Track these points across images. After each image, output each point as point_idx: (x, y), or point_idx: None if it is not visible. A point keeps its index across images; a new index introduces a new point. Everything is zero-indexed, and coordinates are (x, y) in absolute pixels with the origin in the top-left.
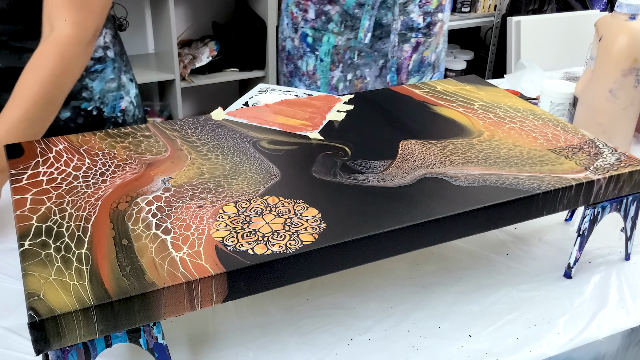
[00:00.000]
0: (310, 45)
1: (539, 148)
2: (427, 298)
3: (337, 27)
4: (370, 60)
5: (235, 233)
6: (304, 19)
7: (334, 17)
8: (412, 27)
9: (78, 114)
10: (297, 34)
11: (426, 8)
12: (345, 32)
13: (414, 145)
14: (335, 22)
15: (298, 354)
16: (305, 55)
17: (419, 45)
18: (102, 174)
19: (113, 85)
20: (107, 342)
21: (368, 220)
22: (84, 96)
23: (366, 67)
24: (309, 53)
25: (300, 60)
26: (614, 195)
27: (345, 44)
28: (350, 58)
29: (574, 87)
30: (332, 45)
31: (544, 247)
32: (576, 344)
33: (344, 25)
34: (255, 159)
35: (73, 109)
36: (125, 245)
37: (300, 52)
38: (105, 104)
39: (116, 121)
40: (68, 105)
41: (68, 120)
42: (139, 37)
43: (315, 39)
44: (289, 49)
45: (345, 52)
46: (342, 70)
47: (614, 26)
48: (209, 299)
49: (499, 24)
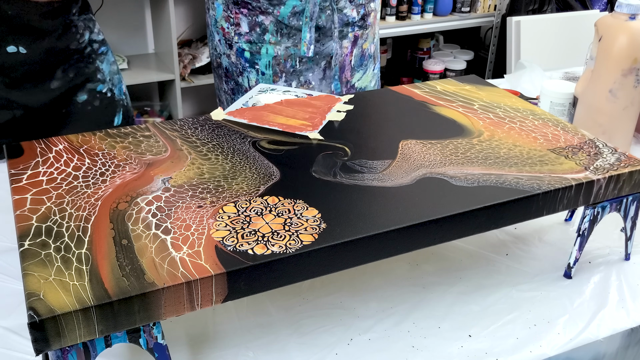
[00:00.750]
0: (248, 60)
1: (539, 148)
2: (427, 298)
3: (274, 37)
4: (312, 64)
5: (235, 233)
6: (237, 34)
7: (269, 27)
8: (348, 22)
9: (94, 97)
10: (232, 49)
11: (358, 1)
12: (282, 41)
13: (414, 145)
14: (271, 32)
15: (298, 354)
16: (245, 71)
17: (357, 38)
18: (102, 174)
19: (115, 68)
20: (107, 342)
21: (368, 220)
22: (98, 78)
23: (309, 71)
24: (249, 68)
25: (240, 76)
26: (614, 195)
27: (284, 53)
28: (292, 66)
29: (574, 87)
30: (271, 57)
31: (544, 247)
32: (576, 344)
33: (279, 34)
34: (255, 159)
35: (89, 92)
36: (125, 245)
37: (239, 69)
38: (114, 85)
39: (123, 103)
40: (84, 88)
41: (85, 103)
42: (139, 37)
43: (252, 52)
44: (226, 65)
45: (287, 60)
46: (285, 80)
47: (614, 26)
48: (209, 299)
49: (498, 24)
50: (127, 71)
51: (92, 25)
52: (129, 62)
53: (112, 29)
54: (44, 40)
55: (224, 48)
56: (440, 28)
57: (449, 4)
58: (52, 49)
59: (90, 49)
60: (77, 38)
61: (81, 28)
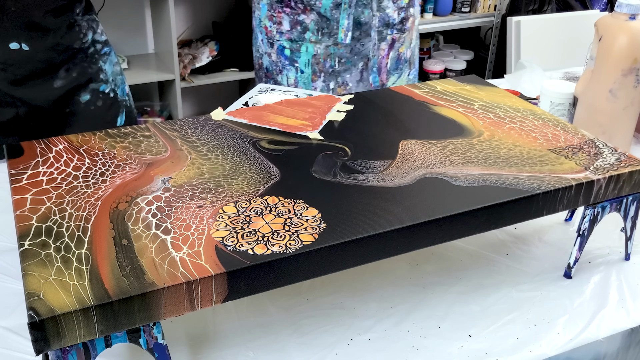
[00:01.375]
0: (288, 58)
1: (539, 148)
2: (427, 298)
3: (314, 36)
4: (351, 65)
5: (235, 233)
6: (278, 32)
7: (310, 25)
8: (388, 22)
9: (97, 97)
10: (273, 48)
11: (400, 3)
12: (323, 40)
13: (414, 145)
14: (312, 31)
15: (298, 354)
16: (285, 69)
17: (395, 42)
18: (102, 174)
19: (118, 69)
20: (107, 342)
21: (368, 220)
22: (101, 78)
23: (347, 72)
24: (289, 66)
25: (279, 75)
26: (614, 195)
27: (324, 52)
28: (331, 66)
29: (574, 87)
30: (311, 55)
31: (544, 247)
32: (576, 344)
33: (320, 32)
34: (255, 159)
35: (92, 92)
36: (125, 245)
37: (279, 67)
38: (117, 86)
39: (126, 104)
40: (87, 88)
41: (89, 103)
42: (139, 37)
43: (293, 50)
44: (266, 65)
45: (326, 60)
46: (324, 80)
47: (614, 26)
48: (209, 299)
49: (499, 24)
50: (127, 71)
51: (95, 25)
52: (129, 62)
53: (112, 29)
54: (47, 37)
55: (266, 47)
56: (440, 28)
57: (449, 4)
58: (55, 47)
59: (93, 49)
60: (81, 37)
61: (84, 28)
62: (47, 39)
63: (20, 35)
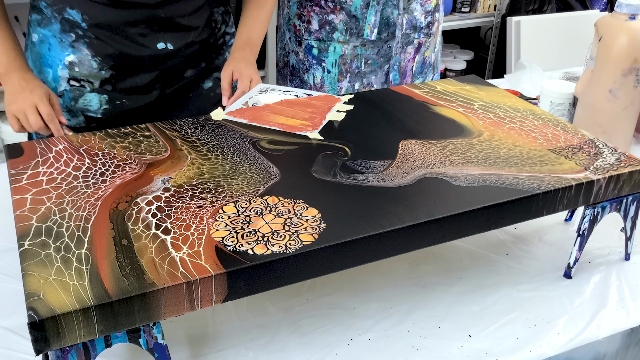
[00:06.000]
0: (316, 57)
1: (538, 148)
2: (427, 298)
3: (343, 36)
4: (377, 67)
5: (235, 233)
6: (307, 31)
7: (339, 25)
8: (416, 26)
9: (217, 85)
10: (301, 47)
11: (427, 7)
12: (351, 40)
13: (414, 145)
14: (340, 31)
15: (298, 354)
16: (312, 68)
17: (421, 46)
18: (102, 174)
19: None
20: (107, 342)
21: (368, 220)
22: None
23: (372, 74)
24: (316, 65)
25: (306, 73)
26: (614, 195)
27: (352, 52)
28: (357, 67)
29: (574, 87)
30: (338, 55)
31: (544, 247)
32: (576, 344)
33: (349, 33)
34: (255, 159)
35: (215, 80)
36: (125, 245)
37: (306, 66)
38: None
39: None
40: (211, 76)
41: (209, 90)
42: None
43: (320, 50)
44: (293, 63)
45: (352, 61)
46: (349, 81)
47: (614, 26)
48: (209, 299)
49: (498, 24)
50: None
51: (227, 18)
52: None
53: None
54: (188, 36)
55: (293, 45)
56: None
57: (449, 4)
58: (194, 43)
59: (222, 40)
60: (215, 32)
61: (219, 22)
62: (188, 37)
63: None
